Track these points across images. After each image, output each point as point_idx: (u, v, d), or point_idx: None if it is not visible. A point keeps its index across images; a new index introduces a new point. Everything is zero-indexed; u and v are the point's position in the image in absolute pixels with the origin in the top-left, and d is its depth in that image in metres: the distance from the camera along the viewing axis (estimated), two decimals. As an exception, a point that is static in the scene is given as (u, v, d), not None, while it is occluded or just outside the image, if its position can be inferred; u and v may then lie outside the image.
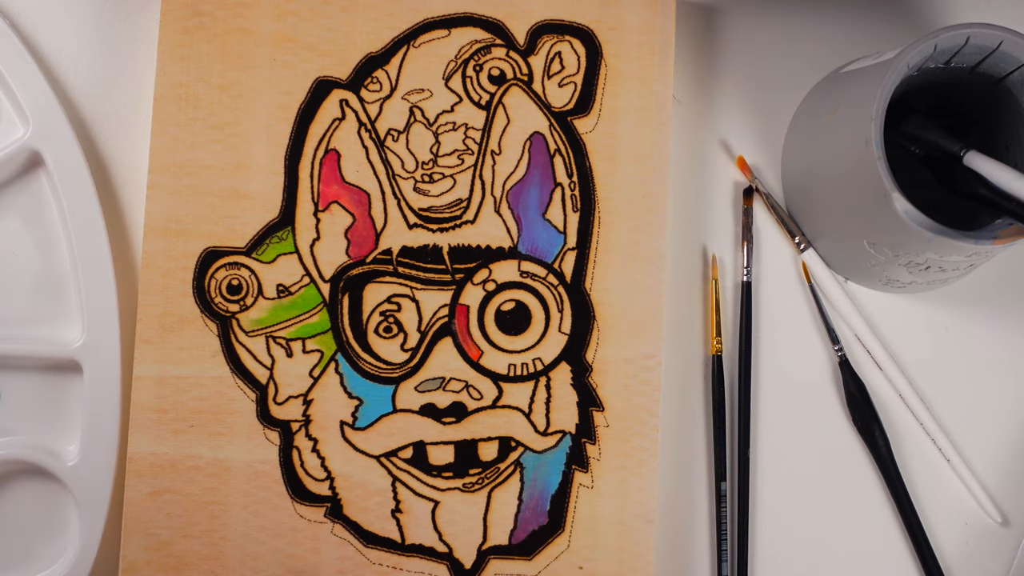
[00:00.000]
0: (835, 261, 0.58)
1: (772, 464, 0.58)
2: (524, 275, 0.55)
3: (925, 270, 0.53)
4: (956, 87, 0.53)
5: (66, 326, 0.55)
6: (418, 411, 0.54)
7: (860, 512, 0.58)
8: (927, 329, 0.59)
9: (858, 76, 0.53)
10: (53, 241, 0.56)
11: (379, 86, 0.55)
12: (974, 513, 0.58)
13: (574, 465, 0.55)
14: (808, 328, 0.58)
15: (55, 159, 0.54)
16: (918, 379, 0.58)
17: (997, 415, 0.58)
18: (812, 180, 0.56)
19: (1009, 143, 0.53)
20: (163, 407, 0.53)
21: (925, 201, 0.48)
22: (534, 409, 0.55)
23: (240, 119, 0.55)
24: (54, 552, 0.54)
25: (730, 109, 0.59)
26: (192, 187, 0.54)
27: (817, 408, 0.58)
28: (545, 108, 0.56)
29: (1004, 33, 0.48)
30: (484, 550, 0.54)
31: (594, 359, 0.55)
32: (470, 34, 0.56)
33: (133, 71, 0.57)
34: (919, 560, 0.57)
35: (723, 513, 0.56)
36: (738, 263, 0.59)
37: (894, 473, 0.57)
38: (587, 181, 0.56)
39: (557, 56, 0.56)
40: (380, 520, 0.54)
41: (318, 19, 0.55)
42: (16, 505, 0.55)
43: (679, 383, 0.58)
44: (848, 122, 0.51)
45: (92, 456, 0.53)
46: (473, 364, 0.55)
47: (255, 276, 0.54)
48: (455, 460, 0.54)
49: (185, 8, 0.55)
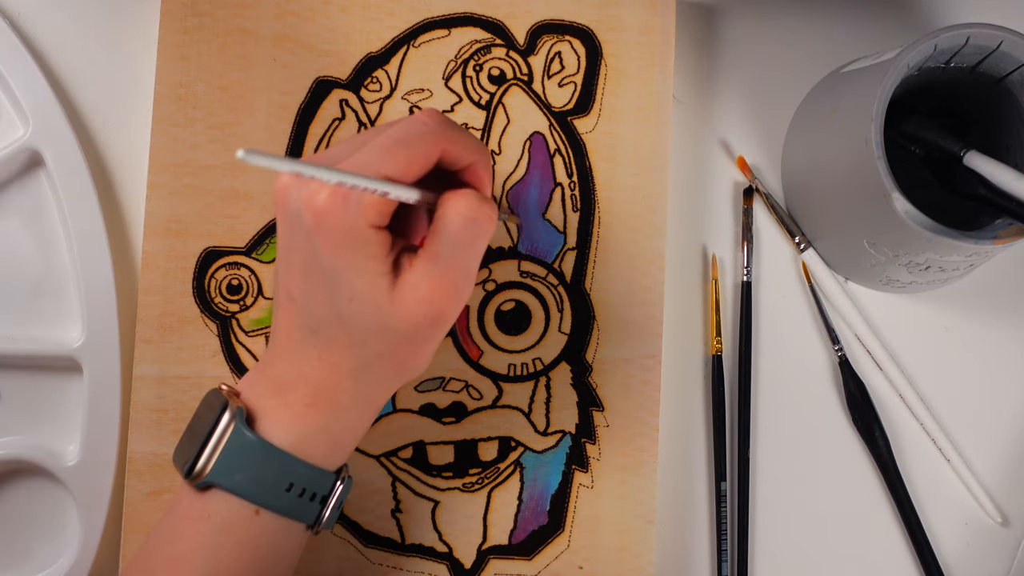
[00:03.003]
0: (835, 261, 0.58)
1: (772, 464, 0.58)
2: (524, 275, 0.55)
3: (925, 270, 0.53)
4: (956, 87, 0.53)
5: (66, 326, 0.55)
6: (418, 411, 0.54)
7: (860, 512, 0.58)
8: (927, 329, 0.59)
9: (858, 76, 0.53)
10: (53, 241, 0.56)
11: (379, 86, 0.55)
12: (974, 513, 0.58)
13: (574, 465, 0.55)
14: (808, 328, 0.58)
15: (55, 159, 0.54)
16: (918, 379, 0.58)
17: (997, 415, 0.58)
18: (812, 180, 0.56)
19: (1009, 143, 0.53)
20: (163, 407, 0.53)
21: (925, 201, 0.48)
22: (534, 409, 0.55)
23: (240, 119, 0.55)
24: (54, 552, 0.54)
25: (730, 109, 0.59)
26: (192, 187, 0.54)
27: (817, 408, 0.58)
28: (545, 108, 0.56)
29: (1004, 33, 0.48)
30: (484, 550, 0.54)
31: (594, 359, 0.55)
32: (470, 34, 0.56)
33: (133, 71, 0.57)
34: (919, 560, 0.57)
35: (723, 513, 0.56)
36: (738, 263, 0.59)
37: (894, 473, 0.57)
38: (587, 181, 0.56)
39: (557, 56, 0.56)
40: (380, 520, 0.54)
41: (318, 19, 0.55)
42: (16, 505, 0.55)
43: (679, 383, 0.58)
44: (848, 122, 0.51)
45: (92, 456, 0.53)
46: (473, 364, 0.55)
47: (255, 276, 0.54)
48: (455, 460, 0.54)
49: (185, 8, 0.55)
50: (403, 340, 0.42)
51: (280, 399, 0.43)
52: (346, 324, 0.42)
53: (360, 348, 0.42)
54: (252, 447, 0.42)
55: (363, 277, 0.41)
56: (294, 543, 0.45)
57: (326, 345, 0.43)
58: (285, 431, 0.43)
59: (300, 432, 0.43)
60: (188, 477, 0.43)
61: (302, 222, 0.41)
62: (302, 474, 0.43)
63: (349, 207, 0.40)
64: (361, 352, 0.42)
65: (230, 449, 0.42)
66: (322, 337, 0.43)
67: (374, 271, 0.41)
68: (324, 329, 0.42)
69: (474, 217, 0.41)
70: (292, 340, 0.43)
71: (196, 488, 0.43)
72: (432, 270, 0.41)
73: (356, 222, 0.40)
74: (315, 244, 0.41)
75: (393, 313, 0.41)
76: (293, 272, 0.42)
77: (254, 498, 0.43)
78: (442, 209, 0.41)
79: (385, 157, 0.40)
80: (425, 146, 0.41)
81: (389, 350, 0.42)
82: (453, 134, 0.42)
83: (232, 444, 0.42)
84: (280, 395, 0.43)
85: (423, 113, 0.42)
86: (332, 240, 0.40)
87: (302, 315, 0.43)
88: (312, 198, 0.40)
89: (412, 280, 0.41)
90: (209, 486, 0.43)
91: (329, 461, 0.44)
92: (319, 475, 0.44)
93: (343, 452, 0.45)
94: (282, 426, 0.43)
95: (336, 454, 0.45)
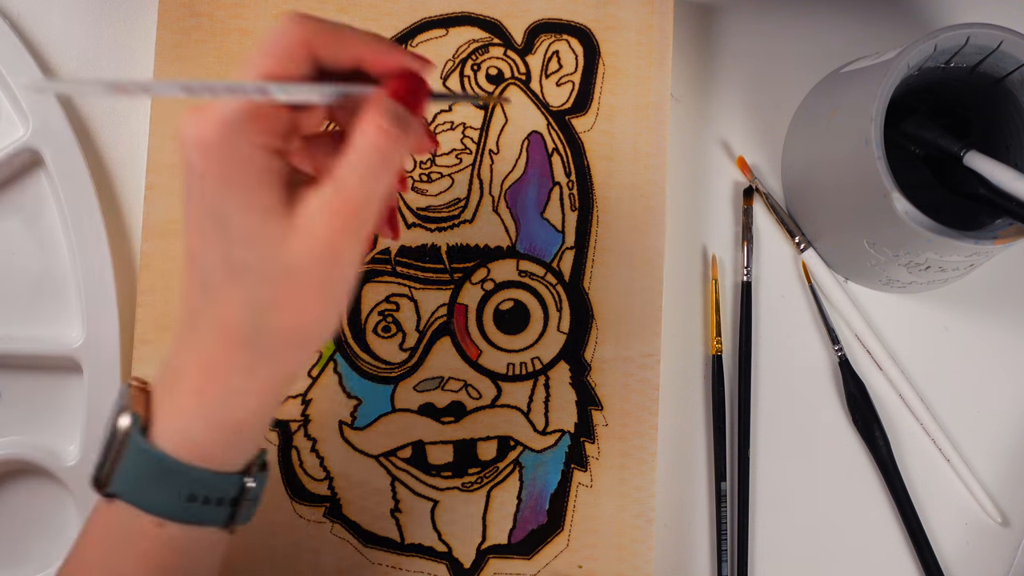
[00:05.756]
0: (835, 261, 0.57)
1: (772, 464, 0.57)
2: (523, 274, 0.55)
3: (925, 270, 0.53)
4: (956, 87, 0.53)
5: (66, 326, 0.55)
6: (417, 411, 0.54)
7: (860, 512, 0.57)
8: (927, 329, 0.59)
9: (858, 76, 0.52)
10: (53, 241, 0.56)
11: (377, 86, 0.55)
12: (974, 513, 0.58)
13: (573, 464, 0.55)
14: (808, 328, 0.58)
15: (55, 159, 0.55)
16: (918, 379, 0.58)
17: (997, 415, 0.58)
18: (812, 180, 0.56)
19: (1009, 143, 0.52)
20: (162, 407, 0.53)
21: (925, 201, 0.48)
22: (533, 408, 0.55)
23: (238, 119, 0.55)
24: (54, 552, 0.55)
25: (730, 109, 0.59)
26: (190, 187, 0.54)
27: (817, 408, 0.58)
28: (543, 107, 0.56)
29: (1004, 33, 0.48)
30: (483, 549, 0.54)
31: (593, 358, 0.55)
32: (468, 33, 0.56)
33: (132, 71, 0.57)
34: (919, 560, 0.57)
35: (723, 513, 0.56)
36: (738, 263, 0.58)
37: (894, 473, 0.57)
38: (585, 180, 0.56)
39: (555, 55, 0.56)
40: (379, 520, 0.54)
41: (316, 19, 0.55)
42: (16, 505, 0.55)
43: (679, 383, 0.58)
44: (848, 122, 0.51)
45: (92, 456, 0.53)
46: (472, 363, 0.55)
47: (254, 276, 0.54)
48: (454, 459, 0.54)
49: (183, 8, 0.55)
50: (299, 279, 0.37)
51: (170, 392, 0.40)
52: (238, 273, 0.38)
53: (253, 301, 0.38)
54: (147, 458, 0.39)
55: (256, 211, 0.37)
56: (207, 545, 0.42)
57: (218, 306, 0.38)
58: (178, 435, 0.40)
59: (193, 435, 0.40)
60: (95, 486, 0.40)
61: (194, 167, 0.37)
62: (201, 481, 0.40)
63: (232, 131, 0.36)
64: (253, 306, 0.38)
65: (129, 459, 0.39)
66: (213, 294, 0.38)
67: (267, 203, 0.37)
68: (216, 287, 0.38)
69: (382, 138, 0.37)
70: (189, 310, 0.40)
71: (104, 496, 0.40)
72: (330, 193, 0.37)
73: (242, 146, 0.37)
74: (205, 187, 0.37)
75: (288, 247, 0.37)
76: (191, 228, 0.39)
77: (155, 510, 0.40)
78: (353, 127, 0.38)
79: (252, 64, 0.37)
80: (288, 40, 0.37)
81: (284, 296, 0.38)
82: (322, 26, 0.38)
83: (130, 454, 0.39)
84: (172, 384, 0.40)
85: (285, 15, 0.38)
86: (219, 174, 0.37)
87: (197, 273, 0.39)
88: (196, 132, 0.37)
89: (309, 211, 0.37)
90: (114, 496, 0.40)
91: (230, 461, 0.41)
92: (221, 480, 0.40)
93: (244, 448, 0.41)
94: (174, 429, 0.40)
95: (236, 452, 0.41)
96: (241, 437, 0.41)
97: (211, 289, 0.38)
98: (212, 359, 0.39)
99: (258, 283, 0.38)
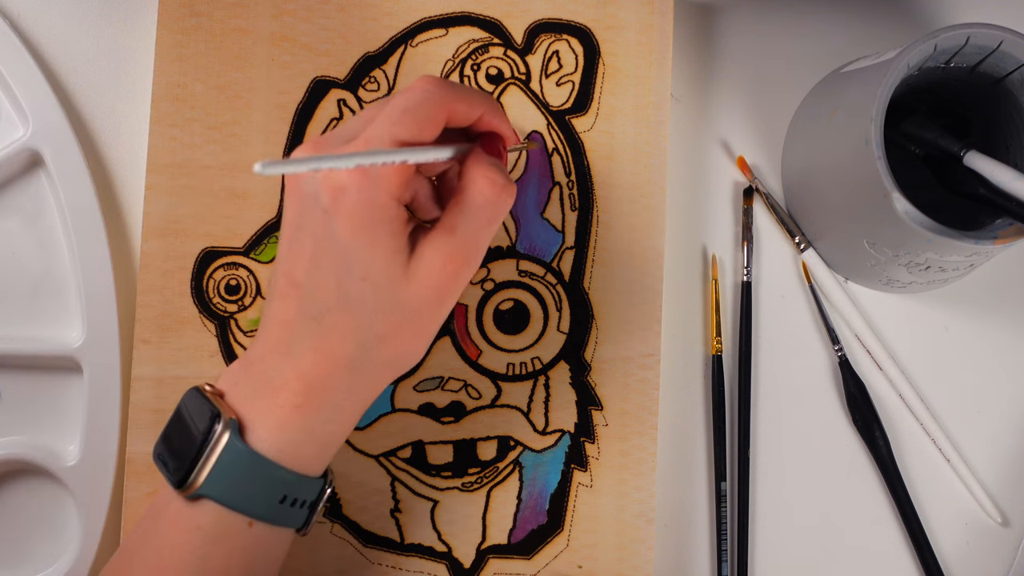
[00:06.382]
0: (835, 261, 0.57)
1: (772, 464, 0.58)
2: (523, 274, 0.55)
3: (925, 270, 0.53)
4: (956, 87, 0.53)
5: (66, 326, 0.55)
6: (417, 411, 0.54)
7: (860, 512, 0.57)
8: (927, 329, 0.59)
9: (858, 76, 0.52)
10: (53, 241, 0.56)
11: (377, 86, 0.55)
12: (974, 513, 0.58)
13: (573, 464, 0.55)
14: (808, 328, 0.58)
15: (55, 159, 0.55)
16: (918, 379, 0.58)
17: (997, 415, 0.58)
18: (812, 180, 0.56)
19: (1009, 143, 0.52)
20: (162, 407, 0.53)
21: (925, 201, 0.48)
22: (533, 408, 0.55)
23: (238, 119, 0.55)
24: (54, 552, 0.55)
25: (730, 108, 0.59)
26: (190, 187, 0.54)
27: (817, 408, 0.58)
28: (543, 107, 0.56)
29: (1004, 33, 0.48)
30: (483, 549, 0.54)
31: (593, 358, 0.55)
32: (468, 33, 0.56)
33: (132, 71, 0.57)
34: (919, 560, 0.57)
35: (723, 513, 0.56)
36: (738, 263, 0.58)
37: (894, 473, 0.57)
38: (585, 180, 0.56)
39: (555, 55, 0.56)
40: (379, 520, 0.54)
41: (316, 19, 0.55)
42: (16, 505, 0.55)
43: (679, 383, 0.58)
44: (848, 122, 0.51)
45: (92, 456, 0.54)
46: (472, 363, 0.55)
47: (253, 276, 0.55)
48: (454, 459, 0.54)
49: (183, 8, 0.55)
50: (408, 318, 0.42)
51: (268, 401, 0.43)
52: (352, 306, 0.41)
53: (363, 332, 0.42)
54: (245, 460, 0.42)
55: (381, 253, 0.41)
56: (283, 547, 0.45)
57: (326, 333, 0.42)
58: (274, 439, 0.42)
59: (289, 439, 0.43)
60: (179, 488, 0.42)
61: (319, 202, 0.41)
62: (293, 484, 0.43)
63: (370, 181, 0.40)
64: (363, 336, 0.42)
65: (223, 462, 0.42)
66: (323, 324, 0.42)
67: (393, 247, 0.41)
68: (327, 315, 0.42)
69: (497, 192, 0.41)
70: (289, 331, 0.43)
71: (186, 498, 0.42)
72: (448, 243, 0.41)
73: (378, 196, 0.40)
74: (332, 223, 0.40)
75: (405, 289, 0.41)
76: (301, 256, 0.42)
77: (248, 511, 0.42)
78: (465, 182, 0.42)
79: (395, 127, 0.40)
80: (431, 107, 0.41)
81: (392, 330, 0.42)
82: (456, 92, 0.42)
83: (225, 457, 0.42)
84: (268, 396, 0.43)
85: (421, 79, 0.42)
86: (353, 217, 0.40)
87: (304, 302, 0.42)
88: (331, 176, 0.40)
89: (427, 255, 0.41)
90: (200, 497, 0.42)
91: (316, 467, 0.44)
92: (308, 483, 0.44)
93: (328, 456, 0.45)
94: (271, 433, 0.42)
95: (322, 459, 0.44)
96: (331, 447, 0.44)
97: (322, 320, 0.42)
98: (315, 378, 0.42)
99: (371, 316, 0.42)
